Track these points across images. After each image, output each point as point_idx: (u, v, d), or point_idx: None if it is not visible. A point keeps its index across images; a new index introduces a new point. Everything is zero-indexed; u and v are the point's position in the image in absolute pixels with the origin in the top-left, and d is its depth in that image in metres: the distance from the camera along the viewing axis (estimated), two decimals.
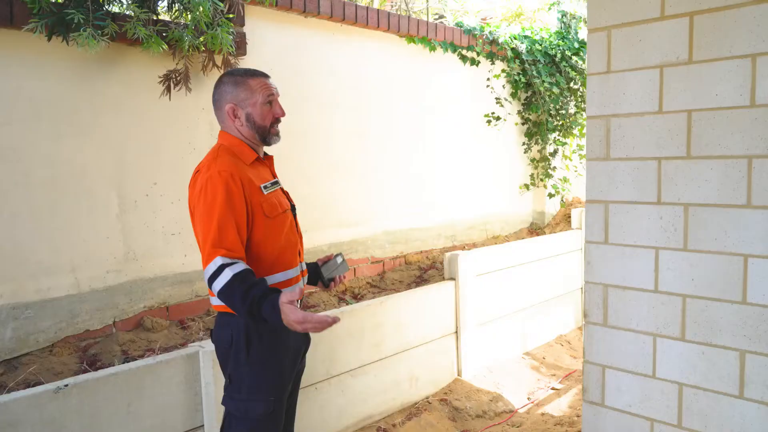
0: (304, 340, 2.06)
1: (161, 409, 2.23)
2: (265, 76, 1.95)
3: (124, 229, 2.86)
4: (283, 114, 1.96)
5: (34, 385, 2.25)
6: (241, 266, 1.73)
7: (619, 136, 2.09)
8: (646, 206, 2.04)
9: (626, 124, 2.06)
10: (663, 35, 1.95)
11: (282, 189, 2.03)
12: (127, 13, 2.69)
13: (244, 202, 1.79)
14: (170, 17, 2.91)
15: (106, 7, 2.56)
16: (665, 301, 2.01)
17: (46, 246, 2.64)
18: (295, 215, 2.02)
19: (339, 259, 2.16)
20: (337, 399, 2.93)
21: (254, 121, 1.90)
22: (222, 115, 1.92)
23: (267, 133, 1.93)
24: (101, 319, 2.80)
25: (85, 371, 2.39)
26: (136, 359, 2.50)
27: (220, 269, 1.71)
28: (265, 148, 2.03)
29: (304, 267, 2.07)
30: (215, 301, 1.87)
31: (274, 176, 2.01)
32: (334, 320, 1.68)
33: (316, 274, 2.13)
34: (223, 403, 1.91)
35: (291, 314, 1.63)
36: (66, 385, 2.02)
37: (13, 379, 2.36)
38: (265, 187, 1.88)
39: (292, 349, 1.96)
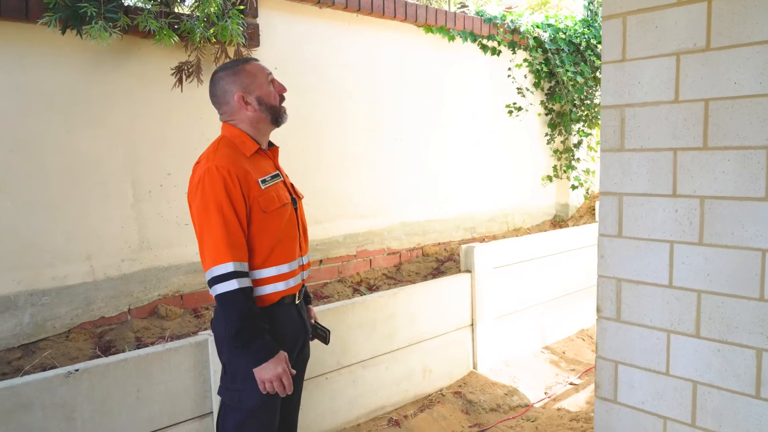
0: (302, 331, 2.03)
1: (170, 396, 2.26)
2: (256, 60, 1.99)
3: (139, 218, 2.90)
4: (285, 89, 1.98)
5: (50, 369, 2.30)
6: (247, 282, 1.77)
7: (633, 126, 2.02)
8: (661, 199, 1.97)
9: (641, 113, 2.00)
10: (680, 21, 1.88)
11: (284, 182, 2.00)
12: (140, 5, 2.72)
13: (242, 198, 1.79)
14: (182, 9, 2.93)
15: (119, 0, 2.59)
16: (680, 296, 1.96)
17: (62, 235, 2.70)
18: (296, 208, 1.99)
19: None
20: (348, 389, 2.93)
21: (265, 102, 1.90)
22: (229, 108, 1.91)
23: (278, 111, 1.94)
24: (116, 306, 2.85)
25: (97, 357, 2.44)
26: (149, 346, 2.54)
27: (229, 276, 1.73)
28: (271, 139, 2.03)
29: (305, 261, 2.04)
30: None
31: (276, 168, 1.99)
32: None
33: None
34: (219, 392, 1.93)
35: (270, 369, 1.76)
36: (77, 370, 2.06)
37: (29, 363, 2.42)
38: (264, 181, 1.86)
39: (287, 339, 1.95)
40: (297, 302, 2.00)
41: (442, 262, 4.30)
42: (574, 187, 5.70)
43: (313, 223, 3.71)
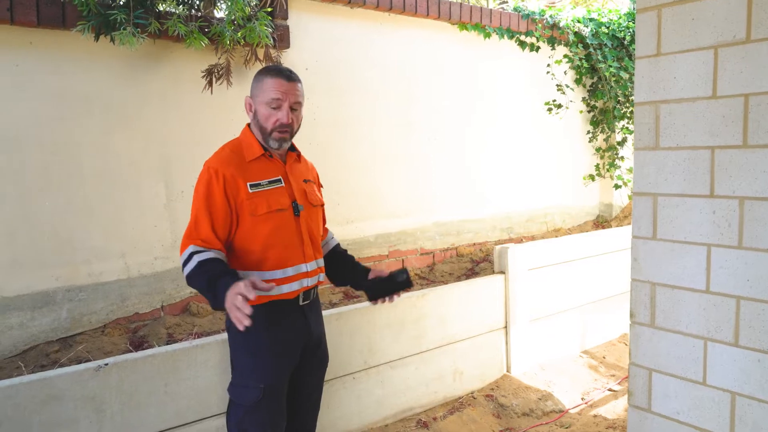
0: (303, 334, 2.01)
1: (197, 391, 2.30)
2: (288, 78, 1.91)
3: (171, 217, 2.97)
4: (287, 121, 1.90)
5: (84, 362, 2.38)
6: (209, 254, 1.79)
7: (669, 124, 1.94)
8: (697, 199, 1.88)
9: (677, 110, 1.91)
10: (718, 12, 1.78)
11: (291, 187, 1.97)
12: (171, 10, 2.78)
13: (224, 199, 1.83)
14: (218, 12, 2.98)
15: (151, 5, 2.65)
16: (717, 302, 1.86)
17: (98, 233, 2.79)
18: (297, 214, 1.95)
19: (403, 276, 2.05)
20: (376, 390, 2.92)
21: (258, 120, 1.93)
22: (245, 107, 2.00)
23: (267, 135, 1.92)
24: (150, 302, 2.92)
25: (128, 351, 2.51)
26: (179, 342, 2.60)
27: (190, 257, 1.79)
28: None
29: (311, 268, 1.99)
30: None
31: (283, 174, 1.97)
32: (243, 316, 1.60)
33: (367, 283, 2.11)
34: (227, 389, 2.00)
35: (227, 298, 1.62)
36: (106, 364, 2.12)
37: (66, 356, 2.51)
38: (256, 185, 1.87)
39: (286, 341, 1.95)
40: (302, 304, 1.99)
41: (476, 263, 4.24)
42: (617, 187, 5.52)
43: (344, 223, 3.71)
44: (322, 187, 2.23)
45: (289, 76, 1.93)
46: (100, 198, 2.80)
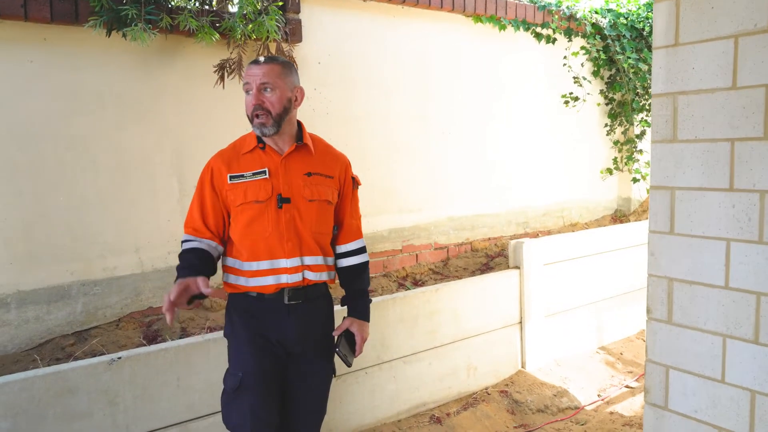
0: (284, 333, 1.95)
1: (209, 384, 2.31)
2: (258, 63, 1.93)
3: (184, 212, 2.97)
4: (255, 102, 1.90)
5: (99, 356, 2.40)
6: (194, 244, 1.93)
7: (687, 116, 1.89)
8: (716, 193, 1.83)
9: (695, 101, 1.86)
10: (738, 0, 1.73)
11: (279, 179, 1.94)
12: (183, 5, 2.78)
13: (212, 190, 1.96)
14: (230, 6, 2.97)
15: (162, 0, 2.65)
16: (737, 298, 1.81)
17: (113, 228, 2.81)
18: (280, 206, 1.92)
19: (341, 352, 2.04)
20: (389, 385, 2.91)
21: (246, 109, 1.96)
22: None
23: (251, 122, 1.95)
24: (163, 297, 2.93)
25: (142, 345, 2.53)
26: (192, 335, 2.61)
27: (181, 244, 1.97)
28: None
29: (296, 263, 1.94)
30: None
31: (273, 166, 1.94)
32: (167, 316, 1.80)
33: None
34: None
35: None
36: (119, 358, 2.14)
37: (81, 349, 2.54)
38: (237, 177, 1.93)
39: (263, 334, 1.94)
40: (288, 303, 1.94)
41: (491, 258, 4.20)
42: (635, 180, 5.43)
43: None
44: (358, 184, 2.18)
45: (260, 61, 1.95)
46: (114, 193, 2.82)
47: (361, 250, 2.16)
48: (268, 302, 1.94)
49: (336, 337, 2.05)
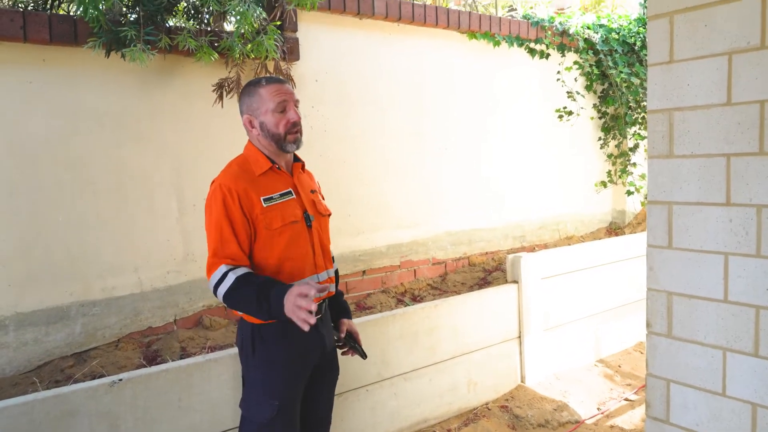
0: (317, 346, 2.00)
1: (210, 405, 2.30)
2: (280, 81, 1.95)
3: (183, 231, 2.98)
4: (297, 118, 1.94)
5: (99, 377, 2.39)
6: (243, 270, 1.81)
7: (683, 131, 1.91)
8: (713, 208, 1.85)
9: (691, 117, 1.89)
10: (731, 19, 1.76)
11: (301, 198, 1.98)
12: (181, 25, 2.80)
13: (242, 215, 1.83)
14: (227, 26, 3.00)
15: (162, 20, 2.67)
16: (736, 312, 1.83)
17: (111, 248, 2.81)
18: (309, 225, 1.96)
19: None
20: (390, 402, 2.90)
21: (268, 129, 1.91)
22: (245, 126, 2.00)
23: (282, 140, 1.92)
24: (163, 316, 2.93)
25: (142, 366, 2.51)
26: (193, 356, 2.60)
27: (225, 275, 1.79)
28: (301, 154, 2.06)
29: (323, 278, 2.01)
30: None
31: (292, 185, 1.98)
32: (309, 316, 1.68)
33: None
34: (239, 404, 1.99)
35: (288, 301, 1.69)
36: (120, 380, 2.12)
37: (80, 371, 2.52)
38: (269, 199, 1.88)
39: (299, 356, 1.94)
40: (316, 317, 1.98)
41: (489, 272, 4.21)
42: (629, 193, 5.47)
43: (355, 234, 3.71)
44: (323, 198, 2.22)
45: (280, 79, 1.97)
46: (113, 212, 2.82)
47: (334, 258, 2.25)
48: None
49: (343, 338, 2.15)
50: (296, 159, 2.06)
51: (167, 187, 2.96)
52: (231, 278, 1.78)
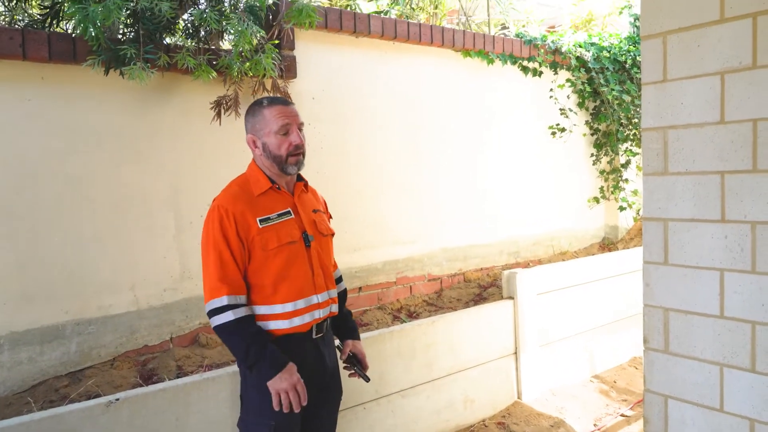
0: (319, 367, 2.00)
1: (208, 424, 2.28)
2: (285, 103, 1.96)
3: (180, 248, 2.98)
4: (300, 142, 1.94)
5: (94, 397, 2.36)
6: (243, 311, 1.84)
7: (677, 149, 1.94)
8: (708, 224, 1.88)
9: (685, 135, 1.91)
10: (723, 39, 1.80)
11: (300, 218, 1.98)
12: (180, 43, 2.82)
13: (237, 237, 1.85)
14: (224, 44, 3.03)
15: (160, 39, 2.69)
16: (732, 327, 1.84)
17: (109, 265, 2.79)
18: (308, 245, 1.96)
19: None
20: (387, 419, 2.88)
21: (270, 150, 1.93)
22: (249, 146, 2.00)
23: (283, 162, 1.93)
24: (159, 335, 2.91)
25: (138, 385, 2.49)
26: (189, 374, 2.58)
27: (224, 309, 1.82)
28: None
29: (322, 299, 1.99)
30: None
31: (292, 205, 1.98)
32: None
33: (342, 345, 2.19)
34: (237, 424, 1.98)
35: (285, 380, 1.80)
36: (117, 399, 2.10)
37: (75, 391, 2.49)
38: (265, 220, 1.88)
39: (300, 373, 1.93)
40: (315, 337, 1.98)
41: (484, 288, 4.22)
42: (622, 209, 5.52)
43: (351, 251, 3.71)
44: (331, 217, 2.22)
45: (286, 101, 1.99)
46: (111, 230, 2.81)
47: (342, 277, 2.27)
48: (298, 341, 1.93)
49: (346, 360, 2.17)
50: (299, 178, 2.06)
51: (165, 204, 2.96)
52: (229, 316, 1.82)
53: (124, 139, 2.86)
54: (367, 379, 2.17)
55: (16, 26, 2.88)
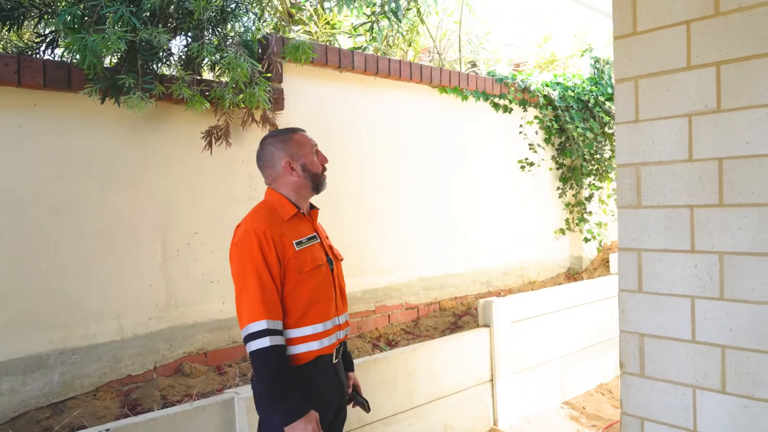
0: (338, 391, 2.06)
1: None
2: (303, 131, 2.12)
3: (167, 276, 2.97)
4: (327, 160, 2.12)
5: (79, 428, 2.33)
6: (279, 340, 1.84)
7: (649, 184, 2.08)
8: (679, 254, 2.01)
9: (656, 171, 2.06)
10: (690, 84, 1.96)
11: (321, 243, 2.08)
12: (173, 74, 2.87)
13: (277, 259, 1.88)
14: (213, 77, 3.09)
15: (155, 69, 2.73)
16: (704, 351, 1.96)
17: (95, 293, 2.77)
18: (332, 269, 2.07)
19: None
20: None
21: (309, 170, 2.04)
22: (274, 172, 2.04)
23: (319, 178, 2.07)
24: (143, 364, 2.88)
25: (125, 416, 2.46)
26: (174, 404, 2.56)
27: (263, 333, 1.81)
28: (313, 201, 2.14)
29: (342, 321, 2.08)
30: None
31: (314, 230, 2.07)
32: None
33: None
34: None
35: (305, 421, 1.80)
36: (108, 430, 2.08)
37: (59, 423, 2.44)
38: (299, 243, 1.94)
39: (323, 398, 1.98)
40: (335, 361, 2.04)
41: (459, 317, 4.31)
42: (587, 240, 5.74)
43: None
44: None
45: (303, 129, 2.16)
46: (98, 257, 2.79)
47: None
48: (323, 365, 1.98)
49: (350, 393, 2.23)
50: (312, 206, 2.16)
51: (153, 231, 2.96)
52: (266, 341, 1.81)
53: (114, 166, 2.86)
54: (368, 409, 2.23)
55: (12, 53, 2.88)
